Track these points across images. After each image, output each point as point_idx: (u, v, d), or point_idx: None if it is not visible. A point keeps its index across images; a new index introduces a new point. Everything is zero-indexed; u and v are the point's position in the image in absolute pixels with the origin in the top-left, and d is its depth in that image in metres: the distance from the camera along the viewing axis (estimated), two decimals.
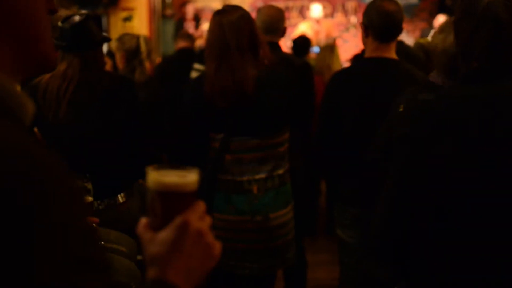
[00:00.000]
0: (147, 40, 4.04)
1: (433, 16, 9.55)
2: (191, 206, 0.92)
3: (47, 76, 2.61)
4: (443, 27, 2.16)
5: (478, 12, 1.52)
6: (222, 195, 2.60)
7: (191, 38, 5.14)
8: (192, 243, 0.89)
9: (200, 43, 6.53)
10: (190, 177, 0.95)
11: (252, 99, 2.54)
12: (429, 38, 7.90)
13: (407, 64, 2.78)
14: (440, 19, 8.43)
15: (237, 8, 2.66)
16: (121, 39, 3.93)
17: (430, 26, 8.77)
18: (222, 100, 2.56)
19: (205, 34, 6.77)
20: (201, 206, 0.93)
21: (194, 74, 3.87)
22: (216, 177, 2.61)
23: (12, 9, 0.73)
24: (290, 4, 10.38)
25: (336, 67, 4.10)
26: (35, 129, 2.58)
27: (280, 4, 10.31)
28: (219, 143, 2.60)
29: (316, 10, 8.32)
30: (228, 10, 2.63)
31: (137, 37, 3.90)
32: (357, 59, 3.91)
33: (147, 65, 3.89)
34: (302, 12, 10.12)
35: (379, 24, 2.69)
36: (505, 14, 1.50)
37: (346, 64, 5.80)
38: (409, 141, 1.60)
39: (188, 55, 4.60)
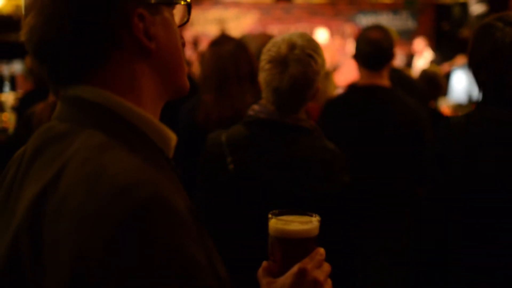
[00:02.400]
0: None
1: (431, 39, 9.62)
2: (310, 253, 0.95)
3: (41, 105, 2.62)
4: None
5: (506, 46, 1.62)
6: None
7: (188, 64, 5.18)
8: None
9: (197, 67, 6.57)
10: (311, 224, 0.97)
11: None
12: (414, 65, 7.95)
13: (400, 91, 2.80)
14: (418, 45, 8.53)
15: (231, 39, 2.70)
16: None
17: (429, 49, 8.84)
18: (217, 129, 2.57)
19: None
20: (319, 253, 0.97)
21: None
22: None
23: (165, 52, 0.88)
24: (288, 28, 10.47)
25: (330, 93, 4.13)
26: None
27: (278, 29, 10.43)
28: None
29: (321, 36, 8.30)
30: (223, 41, 2.66)
31: None
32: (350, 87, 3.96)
33: None
34: None
35: (366, 53, 2.73)
36: None
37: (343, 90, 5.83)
38: (444, 161, 1.65)
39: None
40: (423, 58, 8.52)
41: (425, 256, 1.72)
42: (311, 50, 1.71)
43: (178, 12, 0.94)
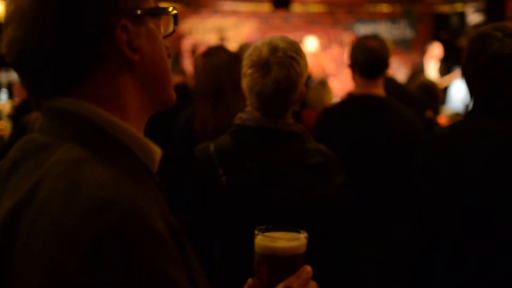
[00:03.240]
0: None
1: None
2: (296, 271, 0.93)
3: (36, 114, 2.62)
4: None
5: (505, 56, 1.63)
6: None
7: (183, 73, 5.19)
8: None
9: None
10: (298, 241, 0.94)
11: None
12: (427, 70, 7.94)
13: (395, 101, 2.79)
14: (435, 50, 8.50)
15: (222, 49, 2.71)
16: None
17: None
18: (215, 138, 2.56)
19: None
20: (306, 271, 0.94)
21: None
22: None
23: (150, 64, 0.86)
24: (289, 37, 10.48)
25: (327, 101, 4.15)
26: None
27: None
28: None
29: (311, 44, 8.38)
30: (215, 51, 2.67)
31: None
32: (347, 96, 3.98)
33: None
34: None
35: (364, 61, 2.73)
36: None
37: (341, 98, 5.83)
38: (429, 171, 1.66)
39: (183, 90, 4.65)
40: (433, 65, 8.48)
41: (417, 264, 1.71)
42: (293, 52, 1.68)
43: (164, 23, 0.92)
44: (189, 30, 10.44)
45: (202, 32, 10.45)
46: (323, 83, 4.27)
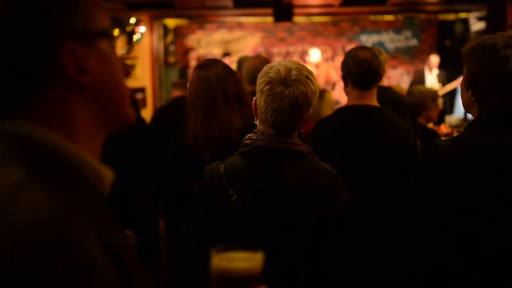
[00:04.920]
0: None
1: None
2: None
3: None
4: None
5: (502, 65, 1.60)
6: None
7: (185, 87, 5.20)
8: None
9: None
10: (253, 262, 0.94)
11: (237, 148, 2.55)
12: (427, 79, 7.87)
13: (389, 111, 2.79)
14: (434, 59, 8.54)
15: (218, 62, 2.73)
16: None
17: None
18: (206, 151, 2.59)
19: None
20: None
21: None
22: None
23: (103, 85, 0.85)
24: (291, 49, 10.55)
25: (325, 113, 4.15)
26: None
27: (281, 49, 10.49)
28: None
29: (315, 55, 8.45)
30: (210, 64, 2.69)
31: None
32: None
33: None
34: (303, 57, 10.27)
35: (357, 72, 2.72)
36: None
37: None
38: (431, 187, 1.62)
39: (182, 104, 4.65)
40: (432, 75, 8.52)
41: (416, 280, 1.68)
42: (306, 72, 1.79)
43: (121, 41, 0.92)
44: (195, 45, 10.53)
45: (207, 46, 10.53)
46: (321, 94, 4.29)
